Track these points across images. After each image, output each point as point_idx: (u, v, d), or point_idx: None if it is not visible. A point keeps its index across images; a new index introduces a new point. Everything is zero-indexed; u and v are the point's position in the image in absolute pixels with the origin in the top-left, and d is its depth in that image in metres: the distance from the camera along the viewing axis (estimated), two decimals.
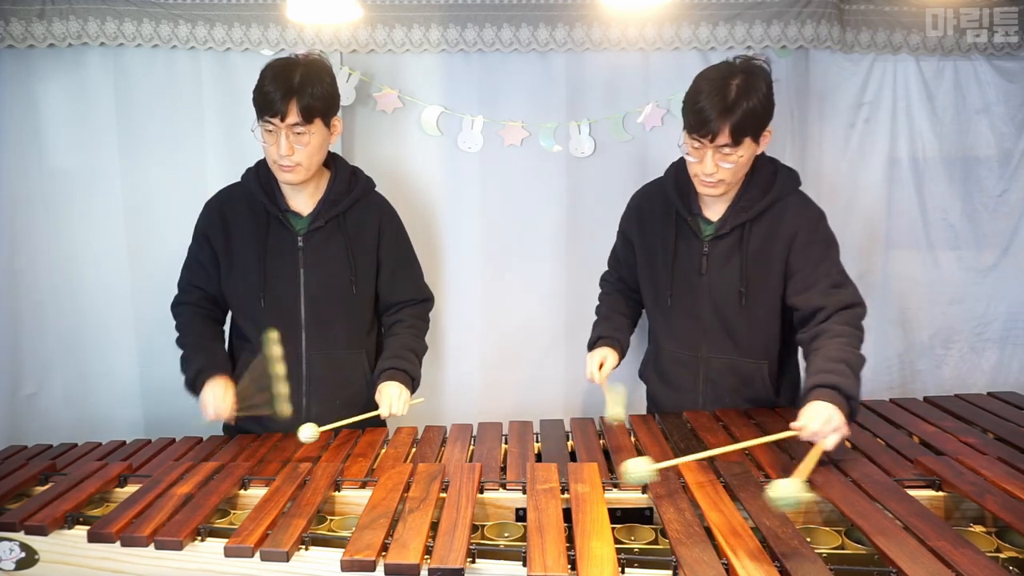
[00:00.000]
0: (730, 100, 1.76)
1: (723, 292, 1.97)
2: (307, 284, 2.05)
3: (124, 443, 2.01)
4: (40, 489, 1.69)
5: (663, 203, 2.05)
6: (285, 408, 1.95)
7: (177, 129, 2.55)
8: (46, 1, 2.42)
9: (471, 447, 1.90)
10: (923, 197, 2.70)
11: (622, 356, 2.08)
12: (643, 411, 2.30)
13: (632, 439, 1.89)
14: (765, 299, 1.96)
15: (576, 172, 2.62)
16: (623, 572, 1.24)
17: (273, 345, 1.95)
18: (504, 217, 2.65)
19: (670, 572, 1.25)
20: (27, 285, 2.60)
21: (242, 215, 2.06)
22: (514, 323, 2.70)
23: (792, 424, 1.56)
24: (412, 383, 2.04)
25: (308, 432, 1.85)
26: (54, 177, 2.56)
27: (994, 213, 2.72)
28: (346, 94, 2.54)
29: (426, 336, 2.18)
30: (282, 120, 1.90)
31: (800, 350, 2.12)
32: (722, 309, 1.99)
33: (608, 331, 2.10)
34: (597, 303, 2.24)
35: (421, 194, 2.64)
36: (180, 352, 2.07)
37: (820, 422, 1.53)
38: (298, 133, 1.92)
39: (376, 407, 1.94)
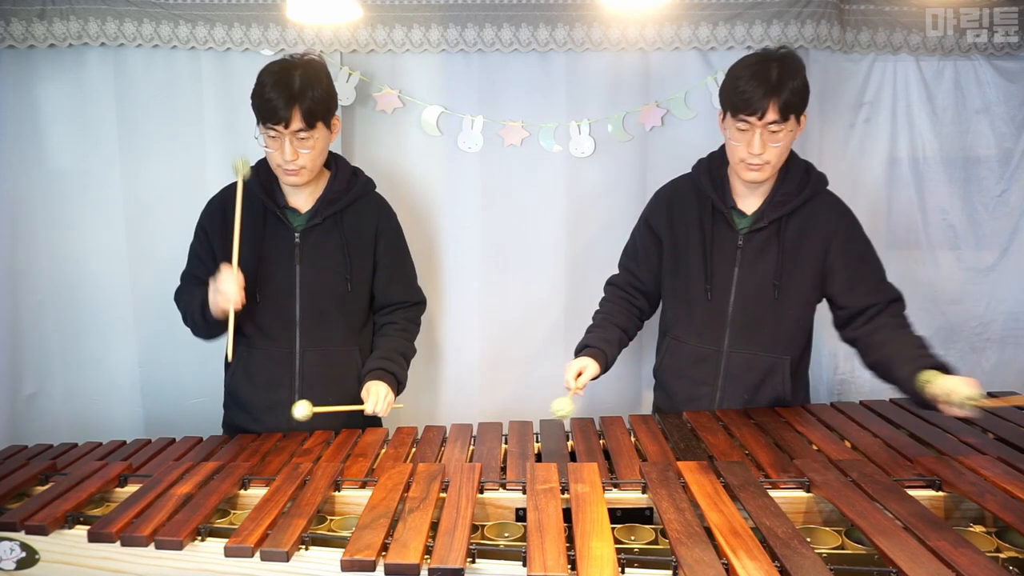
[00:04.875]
0: (774, 79, 1.83)
1: (755, 285, 1.98)
2: (303, 280, 2.05)
3: (124, 443, 2.01)
4: (40, 489, 1.69)
5: (695, 197, 2.06)
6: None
7: (177, 129, 2.55)
8: (46, 1, 2.42)
9: (471, 447, 1.90)
10: (923, 197, 2.70)
11: (605, 369, 2.01)
12: (649, 410, 2.29)
13: (632, 439, 1.89)
14: (797, 293, 1.98)
15: (576, 172, 2.62)
16: (623, 572, 1.24)
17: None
18: (504, 217, 2.65)
19: (670, 572, 1.25)
20: (27, 285, 2.60)
21: (241, 211, 2.03)
22: (513, 323, 2.70)
23: (933, 392, 1.64)
24: (398, 386, 2.05)
25: (302, 410, 1.86)
26: (54, 177, 2.56)
27: (994, 213, 2.72)
28: (346, 94, 2.54)
29: (418, 337, 2.18)
30: (286, 127, 1.90)
31: (808, 350, 2.13)
32: (751, 302, 1.99)
33: (596, 341, 2.04)
34: (597, 307, 2.20)
35: (421, 194, 2.63)
36: (191, 329, 2.07)
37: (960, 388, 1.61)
38: (302, 138, 1.92)
39: (362, 403, 1.94)
